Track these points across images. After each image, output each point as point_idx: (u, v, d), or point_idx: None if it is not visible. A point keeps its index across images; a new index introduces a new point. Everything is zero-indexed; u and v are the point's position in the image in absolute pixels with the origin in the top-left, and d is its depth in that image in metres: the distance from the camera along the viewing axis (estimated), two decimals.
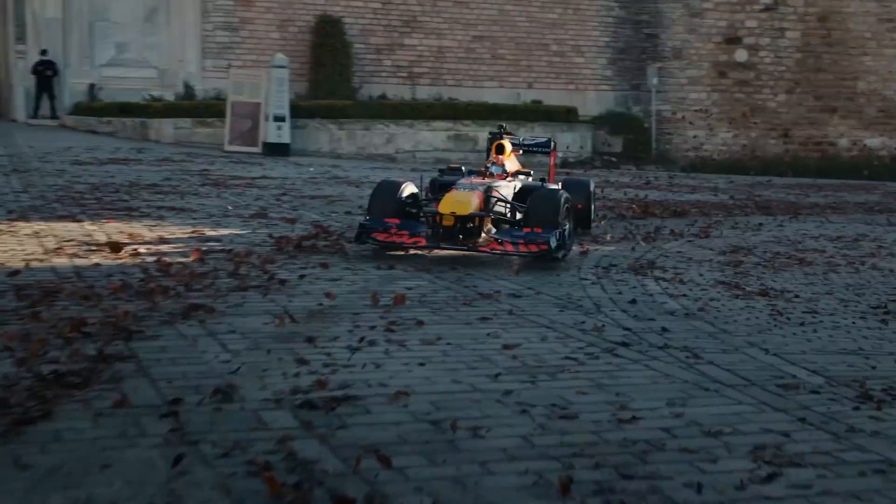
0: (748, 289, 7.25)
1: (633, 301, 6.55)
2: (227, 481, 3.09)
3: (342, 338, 5.10)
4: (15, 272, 6.50)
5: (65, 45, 25.12)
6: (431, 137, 22.48)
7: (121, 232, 8.68)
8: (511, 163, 9.28)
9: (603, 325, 5.72)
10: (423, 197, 8.51)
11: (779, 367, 4.93)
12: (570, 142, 24.58)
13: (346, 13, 26.68)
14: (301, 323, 5.37)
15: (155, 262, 7.12)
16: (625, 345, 5.25)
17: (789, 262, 8.81)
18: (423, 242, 7.88)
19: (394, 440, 3.57)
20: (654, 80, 27.00)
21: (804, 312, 6.47)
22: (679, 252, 9.15)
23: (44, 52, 24.70)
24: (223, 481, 3.09)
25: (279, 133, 20.99)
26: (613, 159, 25.32)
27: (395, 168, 19.28)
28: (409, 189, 8.41)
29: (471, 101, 24.91)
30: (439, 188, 8.71)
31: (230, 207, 11.04)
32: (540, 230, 7.79)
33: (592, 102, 28.09)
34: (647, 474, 3.33)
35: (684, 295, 6.90)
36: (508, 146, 9.19)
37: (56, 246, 7.77)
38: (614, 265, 8.09)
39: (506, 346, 5.08)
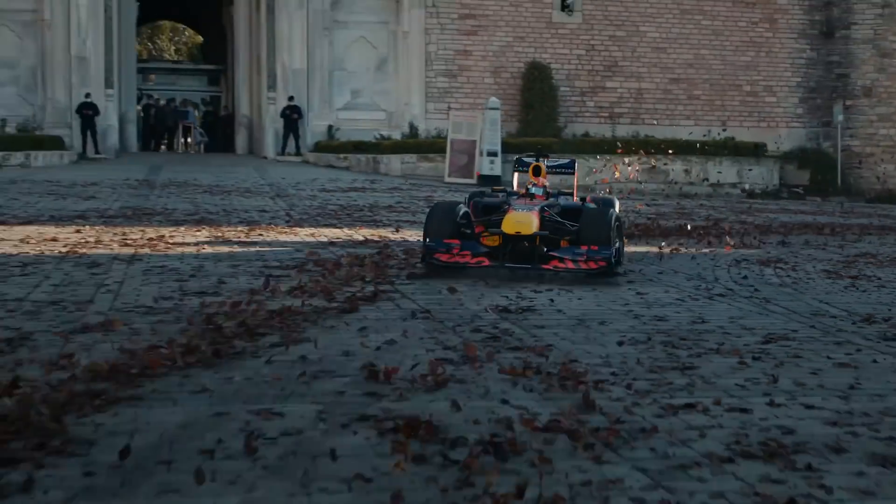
0: (844, 275, 9.45)
1: (745, 276, 8.92)
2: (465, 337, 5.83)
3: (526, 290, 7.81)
4: (313, 252, 9.53)
5: (308, 92, 29.09)
6: (626, 170, 24.88)
7: (372, 234, 11.66)
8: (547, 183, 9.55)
9: (712, 287, 8.17)
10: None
11: (820, 308, 7.26)
12: (756, 175, 26.40)
13: (553, 60, 29.54)
14: (501, 281, 8.10)
15: (402, 249, 10.03)
16: (720, 295, 7.69)
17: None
18: (487, 262, 8.24)
19: (552, 325, 6.22)
20: (840, 118, 28.45)
21: (875, 287, 8.66)
22: (809, 254, 11.33)
23: (291, 99, 28.69)
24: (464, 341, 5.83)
25: (492, 166, 23.95)
26: (800, 191, 26.93)
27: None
28: (462, 210, 8.73)
29: (664, 138, 27.16)
30: (483, 210, 8.97)
31: None
32: (596, 248, 8.20)
33: (783, 139, 29.76)
34: (695, 339, 5.83)
35: (788, 275, 9.20)
36: (544, 168, 9.50)
37: (328, 241, 10.80)
38: (746, 259, 10.41)
39: (638, 293, 7.63)
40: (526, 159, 9.72)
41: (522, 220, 8.34)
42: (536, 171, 9.46)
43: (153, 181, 20.19)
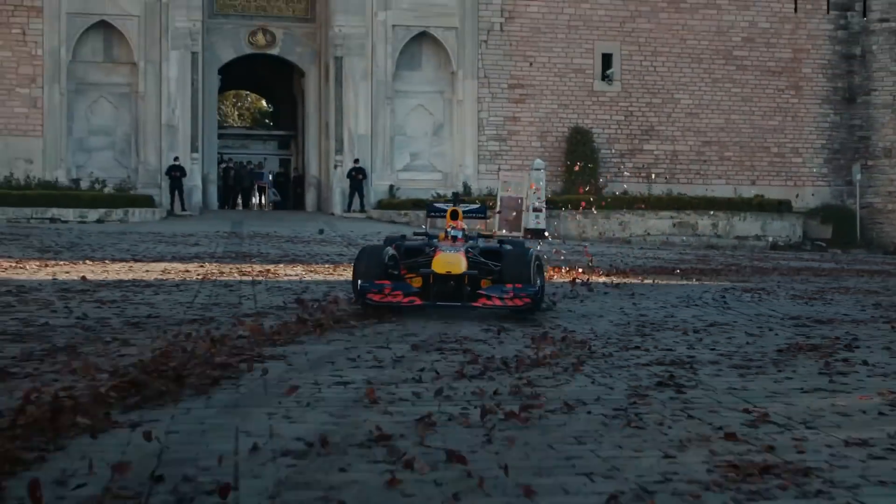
0: (806, 297, 12.01)
1: (723, 297, 11.55)
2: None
3: None
4: None
5: (372, 154, 32.18)
6: (658, 224, 27.51)
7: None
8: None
9: (692, 302, 10.80)
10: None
11: (765, 311, 9.87)
12: (779, 228, 28.87)
13: (594, 125, 32.40)
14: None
15: None
16: (695, 305, 10.33)
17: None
18: (419, 301, 8.67)
19: (566, 316, 8.91)
20: (858, 176, 30.89)
21: (823, 305, 11.22)
22: (791, 286, 13.89)
23: (356, 161, 31.76)
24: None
25: (537, 221, 26.69)
26: (823, 244, 29.32)
27: (627, 247, 24.44)
28: (389, 252, 9.25)
29: (694, 195, 29.75)
30: (405, 252, 9.57)
31: None
32: (520, 286, 8.72)
33: (809, 196, 32.22)
34: (660, 323, 8.49)
35: (760, 297, 11.80)
36: (461, 212, 10.01)
37: None
38: (734, 288, 13.01)
39: (633, 303, 10.29)
40: (438, 206, 10.59)
41: (451, 261, 8.84)
42: (454, 216, 9.99)
43: (240, 233, 23.23)
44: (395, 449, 3.98)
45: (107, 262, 14.52)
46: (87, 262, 14.46)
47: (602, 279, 13.31)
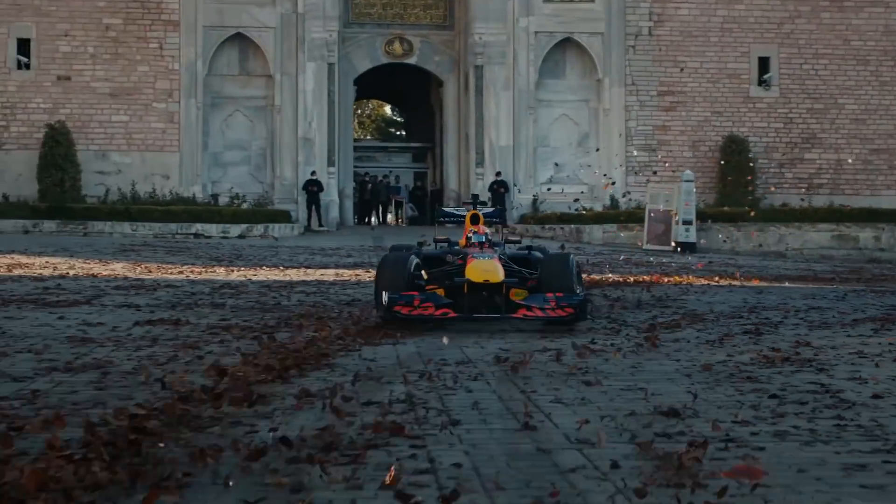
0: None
1: (846, 293, 14.93)
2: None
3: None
4: None
5: (514, 167, 36.07)
6: (816, 237, 30.57)
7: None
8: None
9: (826, 296, 14.26)
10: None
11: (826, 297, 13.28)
12: None
13: (750, 133, 35.65)
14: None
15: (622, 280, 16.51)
16: (840, 296, 13.79)
17: None
18: (452, 313, 9.19)
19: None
20: None
21: None
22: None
23: (498, 174, 35.67)
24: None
25: (687, 234, 30.08)
26: None
27: (780, 260, 27.66)
28: (415, 261, 9.82)
29: (853, 207, 32.65)
30: (425, 261, 10.29)
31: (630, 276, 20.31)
32: (561, 294, 9.28)
33: None
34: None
35: (889, 292, 15.13)
36: (482, 216, 10.70)
37: None
38: (861, 290, 16.33)
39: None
40: (449, 211, 11.47)
41: (488, 268, 9.37)
42: (475, 220, 10.59)
43: (384, 247, 27.36)
44: None
45: (280, 268, 18.69)
46: (263, 268, 18.66)
47: (738, 282, 16.80)
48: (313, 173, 35.26)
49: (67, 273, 16.16)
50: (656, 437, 4.92)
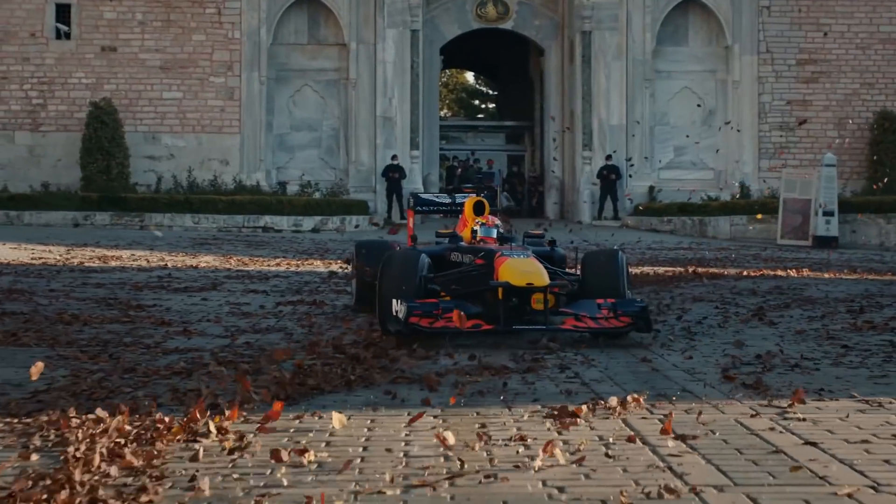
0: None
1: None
2: None
3: None
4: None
5: (627, 149, 39.51)
6: None
7: (695, 269, 21.54)
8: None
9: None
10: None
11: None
12: None
13: None
14: None
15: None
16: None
17: None
18: (486, 326, 9.71)
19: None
20: None
21: None
22: None
23: (608, 158, 39.13)
24: None
25: (827, 227, 33.32)
26: None
27: None
28: (426, 261, 10.26)
29: None
30: (437, 258, 10.86)
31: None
32: (614, 301, 9.92)
33: None
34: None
35: None
36: (487, 204, 11.32)
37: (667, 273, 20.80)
38: None
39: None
40: (426, 197, 12.41)
41: (529, 269, 9.78)
42: (479, 209, 11.17)
43: None
44: None
45: None
46: None
47: (870, 276, 20.14)
48: (394, 157, 38.90)
49: (166, 264, 19.96)
50: (742, 365, 8.45)
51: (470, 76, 76.01)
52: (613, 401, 6.78)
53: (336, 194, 38.89)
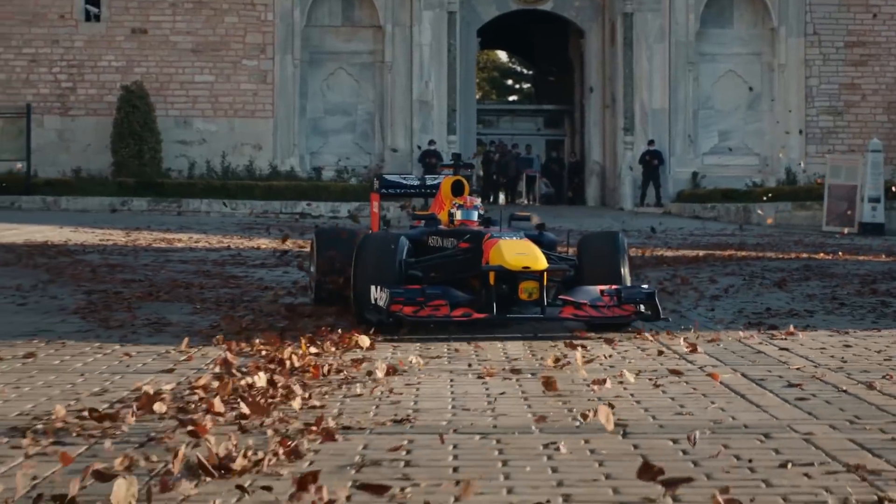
0: None
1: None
2: None
3: None
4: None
5: (670, 134, 42.76)
6: None
7: (731, 253, 24.81)
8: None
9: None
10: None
11: None
12: None
13: None
14: None
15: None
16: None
17: None
18: (477, 315, 10.00)
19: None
20: None
21: None
22: None
23: (651, 143, 42.36)
24: None
25: (873, 213, 36.48)
26: None
27: None
28: (406, 245, 10.60)
29: None
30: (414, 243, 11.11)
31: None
32: (617, 287, 10.33)
33: None
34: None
35: None
36: (467, 184, 11.45)
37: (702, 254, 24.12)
38: None
39: None
40: (392, 179, 12.74)
41: (525, 251, 10.01)
42: (458, 189, 11.52)
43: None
44: None
45: None
46: None
47: None
48: (431, 142, 42.21)
49: (228, 245, 23.32)
50: (752, 315, 11.81)
51: (503, 55, 79.02)
52: (648, 334, 10.15)
53: (371, 180, 41.96)
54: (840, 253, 23.65)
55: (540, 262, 9.85)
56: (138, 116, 40.90)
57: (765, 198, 37.28)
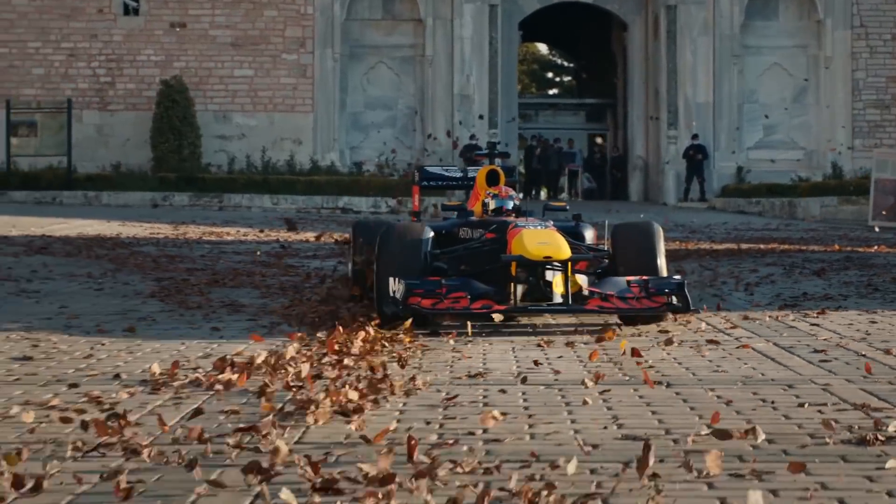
0: None
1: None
2: None
3: None
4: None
5: (714, 128, 43.87)
6: None
7: (774, 245, 26.00)
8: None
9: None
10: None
11: None
12: None
13: None
14: None
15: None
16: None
17: None
18: (498, 307, 10.07)
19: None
20: None
21: None
22: None
23: (695, 137, 43.47)
24: None
25: None
26: None
27: None
28: (430, 235, 10.71)
29: None
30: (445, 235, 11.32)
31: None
32: (646, 278, 10.34)
33: None
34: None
35: None
36: (502, 173, 11.70)
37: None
38: None
39: None
40: (434, 171, 13.29)
41: (548, 241, 10.10)
42: (494, 178, 11.72)
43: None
44: None
45: None
46: None
47: None
48: (473, 137, 43.37)
49: (277, 238, 24.62)
50: (788, 299, 13.04)
51: (543, 47, 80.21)
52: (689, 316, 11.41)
53: (413, 173, 43.20)
54: (882, 246, 24.77)
55: (563, 251, 9.91)
56: (177, 111, 42.01)
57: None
